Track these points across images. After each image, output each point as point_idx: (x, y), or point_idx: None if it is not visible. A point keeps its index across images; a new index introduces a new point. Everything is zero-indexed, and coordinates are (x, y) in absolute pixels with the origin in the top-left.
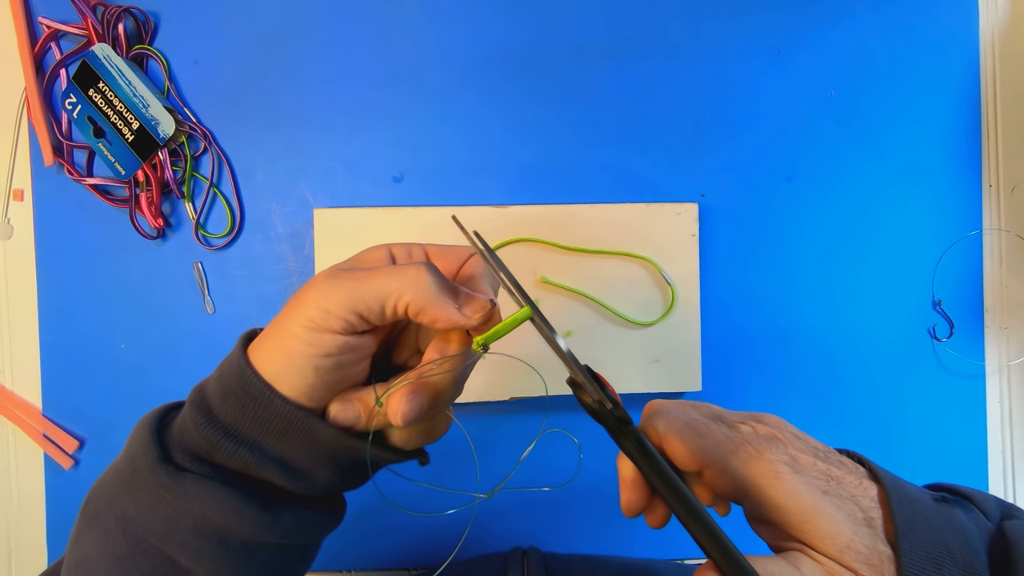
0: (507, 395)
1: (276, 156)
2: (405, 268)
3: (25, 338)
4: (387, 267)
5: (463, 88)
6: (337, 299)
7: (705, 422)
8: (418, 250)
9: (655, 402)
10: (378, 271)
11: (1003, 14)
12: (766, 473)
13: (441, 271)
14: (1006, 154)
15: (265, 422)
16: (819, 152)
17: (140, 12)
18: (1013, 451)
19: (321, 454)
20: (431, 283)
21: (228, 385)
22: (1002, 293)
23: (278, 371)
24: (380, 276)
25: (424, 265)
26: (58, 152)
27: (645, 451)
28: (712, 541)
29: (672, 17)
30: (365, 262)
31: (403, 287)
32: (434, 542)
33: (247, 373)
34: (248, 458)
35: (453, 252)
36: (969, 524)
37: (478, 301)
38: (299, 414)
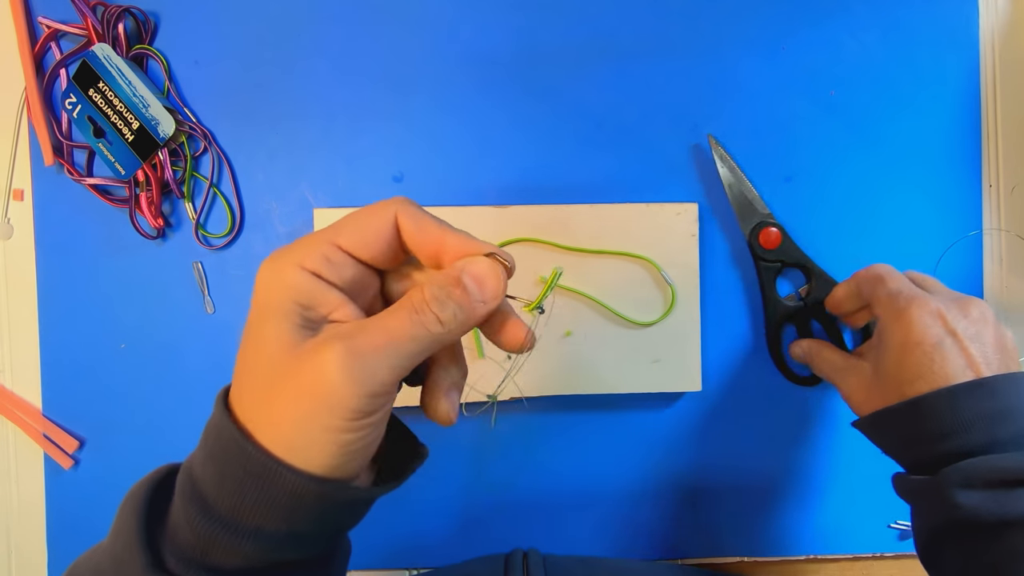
0: (507, 395)
1: (276, 156)
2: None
3: (25, 338)
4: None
5: (463, 88)
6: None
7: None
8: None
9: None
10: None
11: (1003, 14)
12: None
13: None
14: (1006, 154)
15: (273, 502)
16: (819, 152)
17: (140, 12)
18: None
19: (340, 516)
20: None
21: (224, 466)
22: (1002, 293)
23: (291, 445)
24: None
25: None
26: (58, 152)
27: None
28: None
29: (672, 17)
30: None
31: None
32: (435, 542)
33: (247, 448)
34: (251, 549)
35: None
36: None
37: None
38: (315, 486)
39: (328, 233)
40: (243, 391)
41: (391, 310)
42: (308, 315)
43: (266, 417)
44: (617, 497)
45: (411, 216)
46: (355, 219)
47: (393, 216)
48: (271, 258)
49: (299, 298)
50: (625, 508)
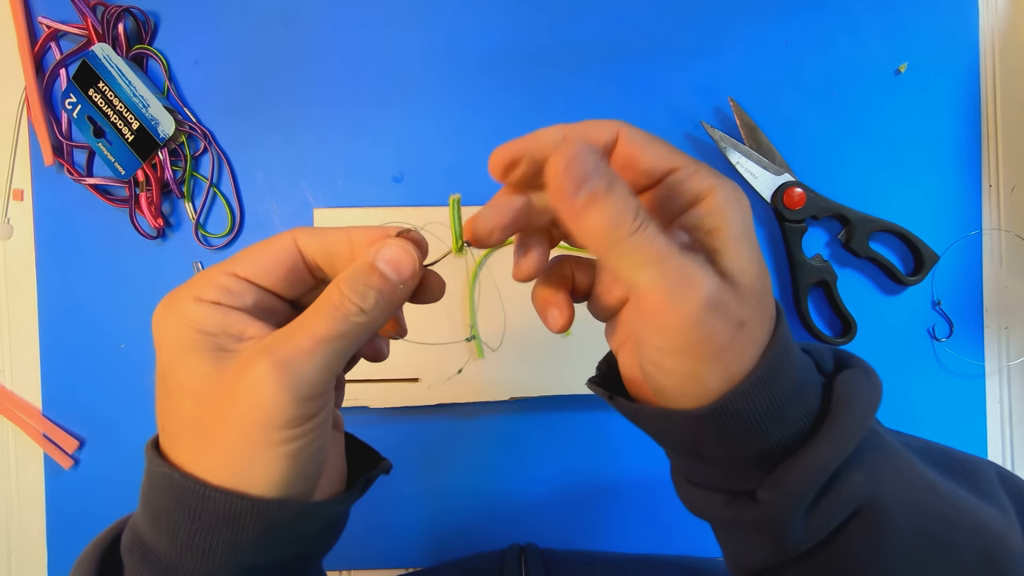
0: (507, 395)
1: (276, 156)
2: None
3: (25, 338)
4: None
5: (464, 88)
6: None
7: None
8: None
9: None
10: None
11: (1003, 14)
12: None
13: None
14: (1006, 154)
15: (209, 533)
16: (819, 152)
17: (140, 12)
18: (1013, 451)
19: (288, 543)
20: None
21: (158, 506)
22: (1002, 293)
23: (235, 472)
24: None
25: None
26: (58, 152)
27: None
28: None
29: (672, 17)
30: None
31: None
32: (432, 542)
33: (175, 478)
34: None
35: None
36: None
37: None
38: (249, 504)
39: (223, 264)
40: (172, 435)
41: (311, 311)
42: (219, 341)
43: (204, 451)
44: (618, 493)
45: (311, 235)
46: (251, 249)
47: (291, 242)
48: (165, 300)
49: (204, 327)
50: (626, 504)
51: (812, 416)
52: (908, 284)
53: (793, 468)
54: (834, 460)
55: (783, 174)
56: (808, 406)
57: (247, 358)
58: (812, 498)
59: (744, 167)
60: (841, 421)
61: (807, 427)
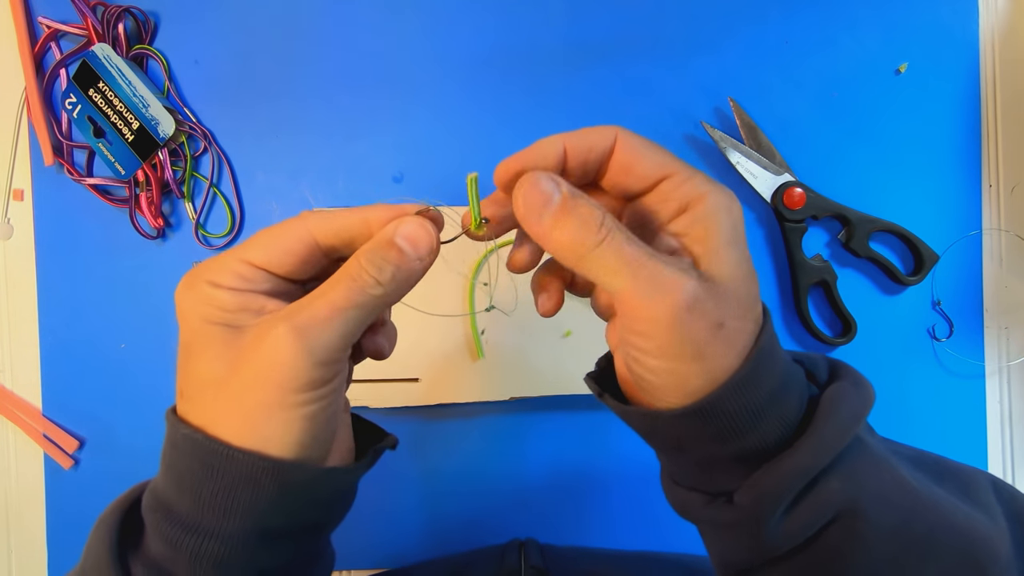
0: (507, 395)
1: (276, 156)
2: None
3: (25, 338)
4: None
5: (463, 88)
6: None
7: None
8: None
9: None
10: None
11: (1003, 14)
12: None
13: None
14: (1006, 154)
15: (231, 492)
16: (819, 152)
17: (140, 12)
18: (1013, 451)
19: (305, 507)
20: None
21: (181, 467)
22: (1002, 293)
23: (252, 432)
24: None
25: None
26: (58, 152)
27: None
28: None
29: (673, 18)
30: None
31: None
32: (432, 542)
33: (198, 439)
34: (219, 551)
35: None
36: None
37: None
38: (270, 465)
39: (236, 251)
40: (192, 398)
41: (330, 282)
42: (240, 317)
43: (223, 412)
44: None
45: (325, 222)
46: (264, 236)
47: (305, 232)
48: (185, 281)
49: (224, 306)
50: (625, 502)
51: (795, 423)
52: (908, 284)
53: (770, 473)
54: (812, 467)
55: (783, 174)
56: (790, 412)
57: (267, 322)
58: (789, 503)
59: (744, 167)
60: (822, 429)
61: (788, 434)
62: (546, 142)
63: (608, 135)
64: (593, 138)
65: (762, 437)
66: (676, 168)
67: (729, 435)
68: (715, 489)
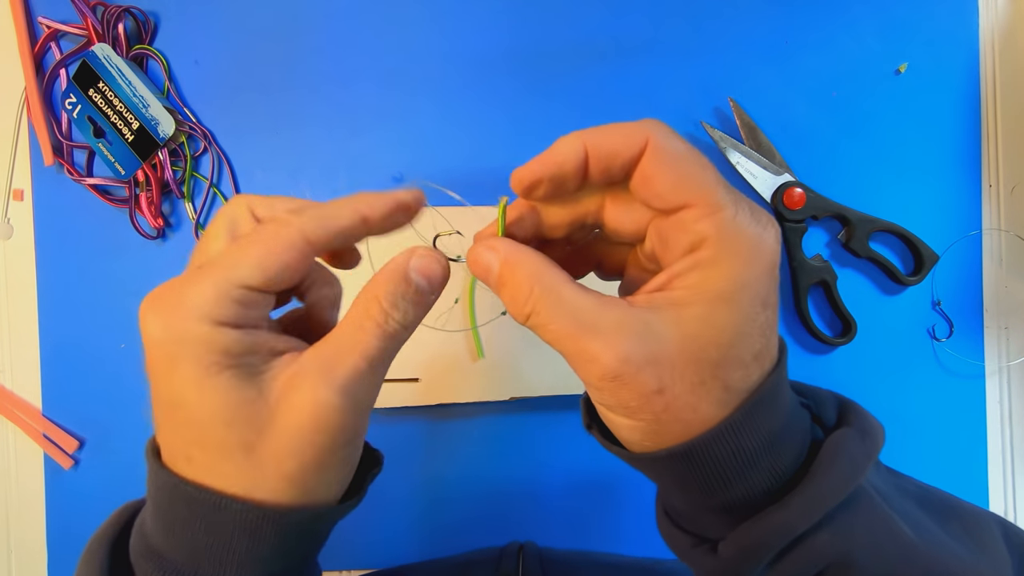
0: (507, 395)
1: (276, 155)
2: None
3: (25, 338)
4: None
5: (463, 87)
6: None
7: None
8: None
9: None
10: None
11: (1003, 14)
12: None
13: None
14: (1006, 154)
15: (229, 539)
16: (819, 152)
17: (140, 12)
18: (1013, 451)
19: (301, 545)
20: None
21: (168, 512)
22: (1002, 293)
23: (288, 493)
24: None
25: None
26: (58, 152)
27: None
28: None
29: (673, 17)
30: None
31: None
32: (432, 543)
33: (181, 488)
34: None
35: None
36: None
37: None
38: (265, 513)
39: (225, 272)
40: (207, 466)
41: (355, 326)
42: (250, 361)
43: (260, 479)
44: (618, 494)
45: (320, 227)
46: (254, 250)
47: (300, 239)
48: (164, 312)
49: (230, 351)
50: (626, 505)
51: (788, 473)
52: (908, 284)
53: (755, 528)
54: (800, 525)
55: (783, 174)
56: (784, 462)
57: (299, 382)
58: (773, 556)
59: (744, 167)
60: (816, 486)
61: (778, 485)
62: (565, 144)
63: (637, 139)
64: (618, 142)
65: (750, 488)
66: (700, 198)
67: (712, 484)
68: (701, 533)
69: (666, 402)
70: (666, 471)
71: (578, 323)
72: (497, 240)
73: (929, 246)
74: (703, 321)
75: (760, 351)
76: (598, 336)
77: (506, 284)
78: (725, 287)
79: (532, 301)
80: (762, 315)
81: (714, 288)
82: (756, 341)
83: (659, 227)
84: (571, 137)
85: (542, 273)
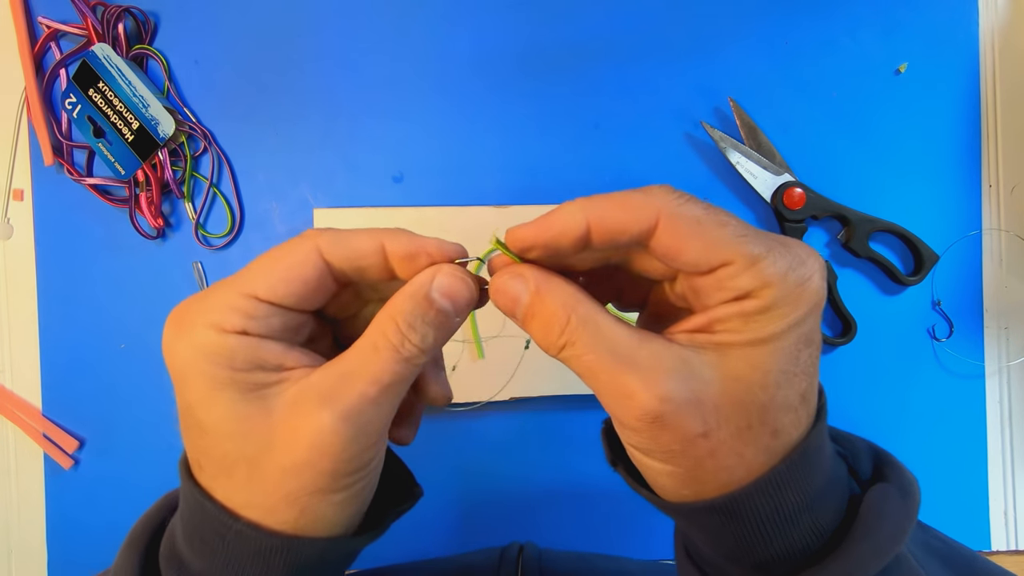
0: (507, 395)
1: (276, 156)
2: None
3: (25, 338)
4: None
5: (463, 88)
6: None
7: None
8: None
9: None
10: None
11: (1003, 14)
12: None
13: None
14: (1006, 154)
15: (239, 564)
16: (819, 152)
17: (140, 12)
18: (1013, 451)
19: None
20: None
21: (191, 522)
22: (1002, 293)
23: (289, 520)
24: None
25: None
26: (58, 152)
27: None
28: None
29: (673, 17)
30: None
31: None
32: (432, 543)
33: (205, 506)
34: None
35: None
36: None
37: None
38: (282, 543)
39: (239, 283)
40: (216, 478)
41: (368, 349)
42: (255, 377)
43: (261, 495)
44: (618, 494)
45: (336, 243)
46: (267, 261)
47: (314, 253)
48: (177, 326)
49: (235, 363)
50: (626, 506)
51: (829, 531)
52: (908, 284)
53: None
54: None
55: (783, 174)
56: (826, 519)
57: (302, 403)
58: None
59: (744, 167)
60: (857, 551)
61: (819, 544)
62: (567, 215)
63: (647, 215)
64: (625, 220)
65: (789, 546)
66: (733, 256)
67: (751, 540)
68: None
69: (711, 447)
70: (701, 523)
71: (615, 356)
72: (524, 267)
73: (929, 246)
74: (747, 362)
75: (806, 390)
76: (636, 371)
77: (536, 315)
78: (773, 330)
79: (568, 332)
80: (804, 352)
81: (762, 333)
82: (801, 380)
83: (692, 279)
84: (574, 207)
85: (577, 302)
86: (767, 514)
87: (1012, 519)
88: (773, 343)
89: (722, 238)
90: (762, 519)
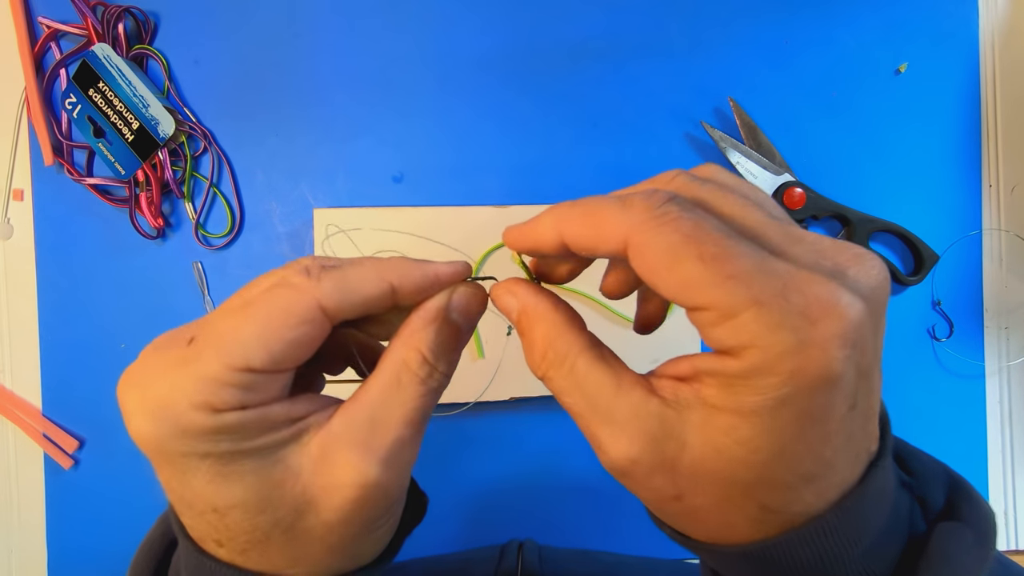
0: (507, 395)
1: (276, 156)
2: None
3: (25, 338)
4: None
5: (463, 88)
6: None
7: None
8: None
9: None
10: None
11: (1003, 14)
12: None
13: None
14: (1006, 154)
15: None
16: (819, 152)
17: (140, 12)
18: (1013, 451)
19: None
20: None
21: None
22: (1002, 293)
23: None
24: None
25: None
26: (58, 152)
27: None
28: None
29: (672, 17)
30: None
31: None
32: (431, 543)
33: (219, 571)
34: None
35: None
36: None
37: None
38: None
39: (226, 352)
40: (243, 552)
41: (393, 386)
42: (268, 440)
43: (302, 557)
44: (619, 493)
45: (340, 295)
46: (259, 324)
47: (315, 310)
48: (150, 403)
49: (242, 437)
50: (625, 504)
51: (887, 571)
52: (908, 284)
53: None
54: None
55: (783, 174)
56: (878, 568)
57: (332, 454)
58: None
59: (744, 167)
60: None
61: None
62: (542, 227)
63: (614, 238)
64: (592, 239)
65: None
66: (711, 300)
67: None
68: None
69: (687, 509)
70: (732, 567)
71: (589, 403)
72: (518, 286)
73: (929, 246)
74: (730, 435)
75: (815, 474)
76: (608, 425)
77: (524, 335)
78: (758, 403)
79: (544, 366)
80: (813, 431)
81: (746, 403)
82: (805, 463)
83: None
84: (547, 221)
85: (556, 337)
86: (810, 562)
87: (1012, 519)
88: (759, 418)
89: (696, 277)
90: (803, 567)
